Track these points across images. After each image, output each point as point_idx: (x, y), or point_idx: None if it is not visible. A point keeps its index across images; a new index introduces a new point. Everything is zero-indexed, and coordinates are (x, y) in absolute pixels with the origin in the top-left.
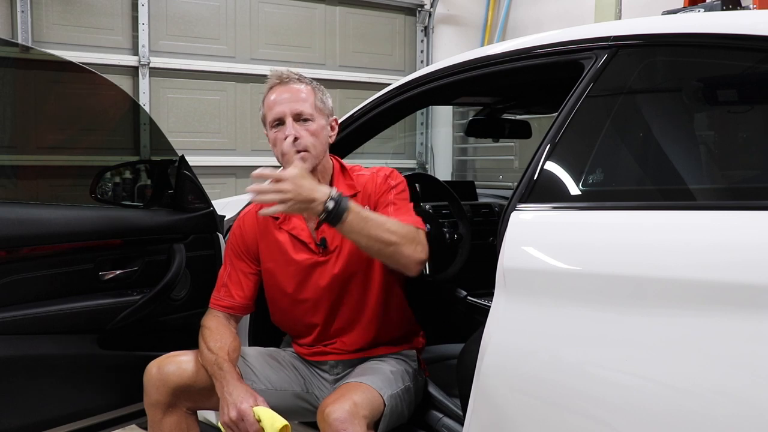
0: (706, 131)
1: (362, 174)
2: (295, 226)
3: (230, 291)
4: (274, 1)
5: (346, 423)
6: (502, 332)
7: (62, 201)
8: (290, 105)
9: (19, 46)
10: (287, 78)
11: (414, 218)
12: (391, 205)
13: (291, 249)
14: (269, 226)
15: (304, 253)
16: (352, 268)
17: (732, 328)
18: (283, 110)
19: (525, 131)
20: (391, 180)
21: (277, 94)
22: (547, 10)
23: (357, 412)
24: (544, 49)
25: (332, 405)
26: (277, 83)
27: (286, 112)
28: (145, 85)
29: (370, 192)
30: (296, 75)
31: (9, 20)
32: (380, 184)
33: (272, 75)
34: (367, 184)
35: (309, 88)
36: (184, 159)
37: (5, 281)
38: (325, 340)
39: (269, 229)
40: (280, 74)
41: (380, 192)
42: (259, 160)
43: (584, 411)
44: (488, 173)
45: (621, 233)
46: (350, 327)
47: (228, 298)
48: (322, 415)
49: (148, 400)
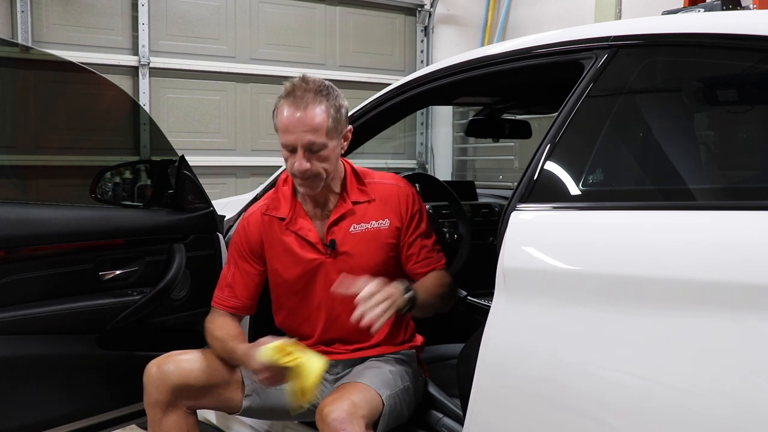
0: (706, 131)
1: (379, 183)
2: (301, 227)
3: (234, 291)
4: (274, 1)
5: (344, 423)
6: (502, 332)
7: (62, 201)
8: (302, 135)
9: (19, 46)
10: (302, 95)
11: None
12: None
13: (298, 249)
14: (275, 227)
15: (311, 253)
16: (357, 270)
17: (732, 328)
18: (296, 141)
19: (525, 131)
20: (415, 201)
21: (289, 113)
22: (547, 10)
23: (355, 412)
24: (544, 49)
25: (331, 405)
26: (290, 103)
27: (299, 143)
28: (145, 85)
29: (393, 209)
30: (312, 87)
31: (9, 20)
32: (406, 203)
33: (287, 86)
34: (388, 199)
35: (323, 108)
36: (184, 159)
37: (5, 281)
38: (326, 340)
39: (275, 230)
40: (294, 89)
41: (408, 216)
42: (259, 160)
43: (584, 411)
44: (488, 173)
45: (621, 233)
46: (353, 331)
47: (232, 299)
48: (321, 415)
49: (147, 399)
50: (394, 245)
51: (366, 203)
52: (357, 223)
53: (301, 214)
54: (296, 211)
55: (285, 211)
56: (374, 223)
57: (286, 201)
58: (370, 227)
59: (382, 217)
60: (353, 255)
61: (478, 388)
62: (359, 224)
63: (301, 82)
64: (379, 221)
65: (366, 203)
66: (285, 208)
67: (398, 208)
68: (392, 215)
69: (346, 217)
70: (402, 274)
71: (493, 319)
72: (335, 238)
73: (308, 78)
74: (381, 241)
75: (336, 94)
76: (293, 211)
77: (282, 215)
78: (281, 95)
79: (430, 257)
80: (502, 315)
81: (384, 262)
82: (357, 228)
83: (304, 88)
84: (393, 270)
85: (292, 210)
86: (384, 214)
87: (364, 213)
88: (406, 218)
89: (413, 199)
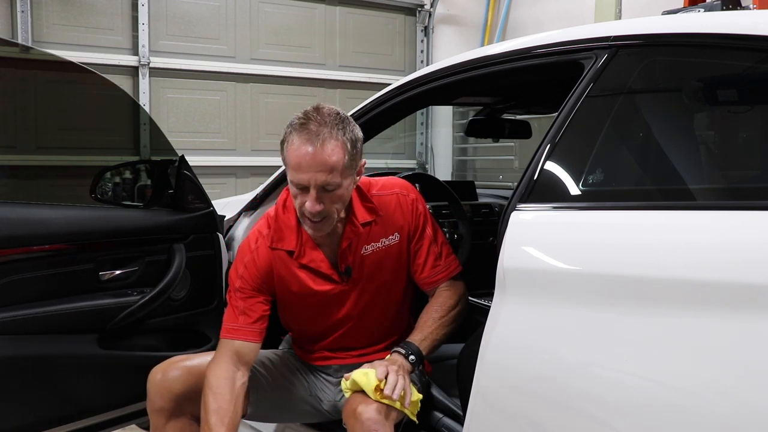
0: (706, 131)
1: (381, 196)
2: (313, 259)
3: (249, 317)
4: (274, 1)
5: (377, 424)
6: (502, 332)
7: (62, 201)
8: (316, 176)
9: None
10: (316, 130)
11: (446, 249)
12: (425, 240)
13: (311, 282)
14: (285, 260)
15: (326, 285)
16: (376, 291)
17: (732, 328)
18: (309, 181)
19: (525, 131)
20: (418, 206)
21: (302, 150)
22: (547, 10)
23: (388, 413)
24: (544, 49)
25: (365, 404)
26: (304, 139)
27: (312, 183)
28: (145, 85)
29: (400, 222)
30: (328, 121)
31: (9, 20)
32: (411, 211)
33: (300, 117)
34: (394, 212)
35: (339, 144)
36: (184, 159)
37: (5, 281)
38: (333, 348)
39: (285, 263)
40: (308, 121)
41: (414, 225)
42: (259, 160)
43: (584, 411)
44: (488, 173)
45: (621, 233)
46: (362, 341)
47: (247, 327)
48: (354, 413)
49: (151, 406)
50: (407, 259)
51: (373, 223)
52: (367, 244)
53: (310, 245)
54: (304, 242)
55: (292, 243)
56: (384, 241)
57: (291, 231)
58: (381, 245)
59: (390, 233)
60: (370, 278)
61: (478, 387)
62: (369, 245)
63: (315, 114)
64: (388, 238)
65: (373, 223)
66: (291, 240)
67: (403, 219)
68: (399, 228)
69: (357, 242)
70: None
71: (493, 319)
72: (349, 264)
73: (322, 109)
74: (394, 257)
75: (352, 125)
76: (300, 242)
77: (290, 248)
78: (292, 126)
79: (439, 265)
80: (502, 315)
81: (402, 278)
82: (368, 249)
83: (319, 121)
84: (409, 282)
85: (299, 241)
86: (391, 229)
87: (374, 232)
88: (412, 227)
89: (415, 206)
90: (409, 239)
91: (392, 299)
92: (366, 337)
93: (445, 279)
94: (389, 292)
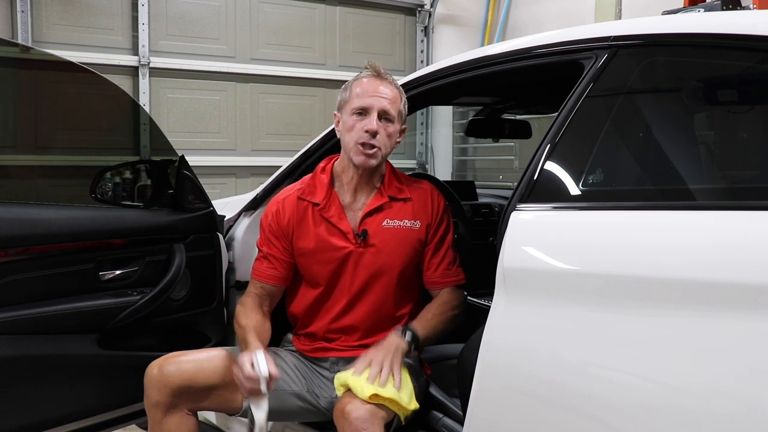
0: (706, 131)
1: (413, 183)
2: (334, 215)
3: (273, 262)
4: (274, 1)
5: (366, 423)
6: (502, 332)
7: (62, 201)
8: (381, 101)
9: (19, 46)
10: (385, 75)
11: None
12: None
13: (328, 236)
14: (308, 212)
15: (341, 241)
16: (384, 265)
17: (732, 328)
18: (373, 104)
19: (525, 131)
20: (446, 210)
21: (370, 85)
22: (547, 10)
23: (377, 412)
24: (544, 49)
25: (353, 403)
26: (373, 75)
27: (375, 106)
28: (145, 85)
29: (425, 212)
30: (390, 76)
31: (9, 20)
32: (438, 210)
33: (370, 66)
34: (423, 202)
35: (398, 92)
36: (184, 159)
37: (5, 281)
38: (331, 333)
39: (307, 215)
40: (378, 69)
41: (436, 223)
42: (259, 160)
43: (584, 411)
44: (488, 173)
45: (621, 233)
46: (362, 324)
47: (271, 269)
48: (343, 412)
49: (148, 401)
50: (420, 250)
51: (402, 201)
52: (390, 218)
53: (336, 203)
54: (331, 199)
55: (320, 197)
56: (407, 222)
57: (323, 188)
58: (402, 225)
59: (415, 218)
60: (382, 249)
61: (478, 388)
62: (392, 220)
63: (382, 68)
64: (412, 221)
65: (402, 201)
66: (321, 195)
67: (429, 212)
68: (424, 219)
69: (381, 211)
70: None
71: (493, 319)
72: (367, 229)
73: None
74: (410, 242)
75: (404, 93)
76: (328, 198)
77: (317, 200)
78: (361, 73)
79: (451, 269)
80: (502, 315)
81: (410, 264)
82: (390, 223)
83: (386, 74)
84: (414, 274)
85: (328, 197)
86: (417, 216)
87: (399, 210)
88: (434, 223)
89: (444, 207)
90: (427, 232)
91: (394, 282)
92: (364, 320)
93: (452, 284)
94: (393, 272)
